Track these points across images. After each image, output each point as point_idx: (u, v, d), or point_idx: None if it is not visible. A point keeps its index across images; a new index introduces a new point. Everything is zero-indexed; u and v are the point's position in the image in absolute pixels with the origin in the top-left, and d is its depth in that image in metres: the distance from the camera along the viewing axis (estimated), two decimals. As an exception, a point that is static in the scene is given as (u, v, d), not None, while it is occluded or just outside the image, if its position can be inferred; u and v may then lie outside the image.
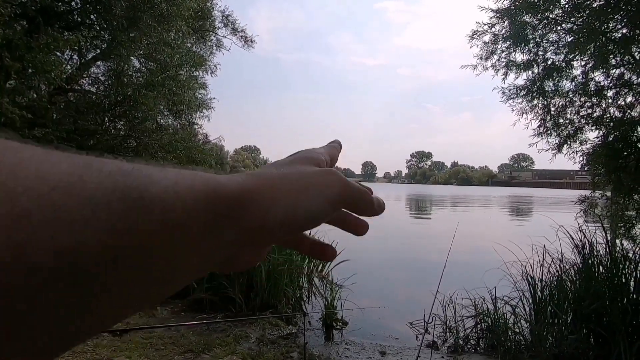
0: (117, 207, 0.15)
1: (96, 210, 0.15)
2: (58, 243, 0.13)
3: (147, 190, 0.16)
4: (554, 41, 4.86)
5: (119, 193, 0.16)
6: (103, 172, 0.16)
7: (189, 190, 0.18)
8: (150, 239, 0.16)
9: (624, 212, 4.57)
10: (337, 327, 4.09)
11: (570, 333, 3.42)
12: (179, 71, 9.03)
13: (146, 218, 0.16)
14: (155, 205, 0.16)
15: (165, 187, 0.17)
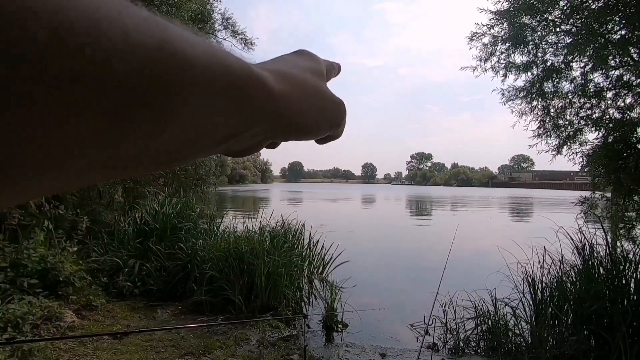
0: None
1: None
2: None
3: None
4: (553, 43, 4.88)
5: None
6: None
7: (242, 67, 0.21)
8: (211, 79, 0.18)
9: (624, 213, 4.57)
10: (338, 329, 4.09)
11: (570, 334, 3.42)
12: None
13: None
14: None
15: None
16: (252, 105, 0.21)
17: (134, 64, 0.14)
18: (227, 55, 0.20)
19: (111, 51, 0.13)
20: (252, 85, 0.21)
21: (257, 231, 5.16)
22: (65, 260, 4.22)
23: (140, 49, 0.14)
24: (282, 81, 0.24)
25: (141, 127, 0.15)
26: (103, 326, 3.73)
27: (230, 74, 0.20)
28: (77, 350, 3.17)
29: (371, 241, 11.25)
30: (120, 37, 0.14)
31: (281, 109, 0.24)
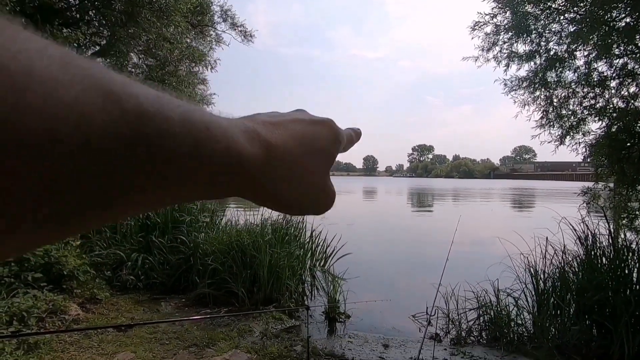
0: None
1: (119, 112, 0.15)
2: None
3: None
4: (557, 31, 4.81)
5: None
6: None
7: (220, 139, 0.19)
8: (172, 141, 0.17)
9: (627, 203, 4.55)
10: (340, 321, 4.11)
11: (572, 324, 3.43)
12: (178, 67, 8.99)
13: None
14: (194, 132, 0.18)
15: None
16: (230, 183, 0.21)
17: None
18: (217, 131, 0.19)
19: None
20: (236, 168, 0.20)
21: (259, 224, 5.17)
22: (69, 254, 4.24)
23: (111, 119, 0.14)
24: (273, 160, 0.23)
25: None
26: (107, 319, 3.77)
27: (215, 156, 0.19)
28: (82, 342, 3.20)
29: (373, 233, 11.27)
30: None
31: (257, 189, 0.23)
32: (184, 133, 0.17)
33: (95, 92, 0.14)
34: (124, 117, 0.15)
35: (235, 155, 0.20)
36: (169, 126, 0.17)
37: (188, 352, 3.18)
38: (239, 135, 0.21)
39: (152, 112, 0.16)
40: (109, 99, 0.14)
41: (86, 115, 0.13)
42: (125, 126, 0.15)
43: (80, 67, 0.14)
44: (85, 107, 0.14)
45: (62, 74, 0.13)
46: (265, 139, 0.23)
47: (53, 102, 0.13)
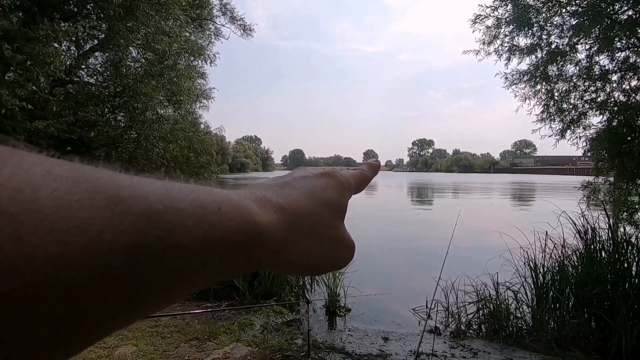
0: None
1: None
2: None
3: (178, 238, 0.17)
4: (558, 24, 4.78)
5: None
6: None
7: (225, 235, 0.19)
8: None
9: (626, 197, 4.56)
10: (340, 314, 4.14)
11: (571, 317, 3.45)
12: (177, 61, 8.94)
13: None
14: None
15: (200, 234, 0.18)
16: (250, 259, 0.20)
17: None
18: (229, 209, 0.19)
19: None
20: (254, 243, 0.20)
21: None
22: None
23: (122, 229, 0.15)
24: (290, 225, 0.23)
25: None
26: (109, 313, 3.78)
27: (231, 236, 0.19)
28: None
29: (373, 227, 11.30)
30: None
31: (277, 258, 0.23)
32: (196, 221, 0.17)
33: (104, 204, 0.14)
34: (134, 225, 0.15)
35: (250, 227, 0.20)
36: (181, 219, 0.17)
37: (189, 346, 3.20)
38: (251, 206, 0.21)
39: (161, 210, 0.16)
40: (118, 209, 0.15)
41: (94, 237, 0.14)
42: (135, 234, 0.15)
43: (88, 180, 0.14)
44: (93, 227, 0.14)
45: (70, 195, 0.13)
46: (277, 202, 0.23)
47: (56, 238, 0.13)
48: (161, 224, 0.16)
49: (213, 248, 0.18)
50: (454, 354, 3.23)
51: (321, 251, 0.25)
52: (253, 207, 0.21)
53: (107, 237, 0.14)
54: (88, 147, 8.11)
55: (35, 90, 6.37)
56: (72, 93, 8.22)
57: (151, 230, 0.15)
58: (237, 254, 0.19)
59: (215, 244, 0.18)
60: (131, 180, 0.16)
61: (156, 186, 0.17)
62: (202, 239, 0.17)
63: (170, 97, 9.08)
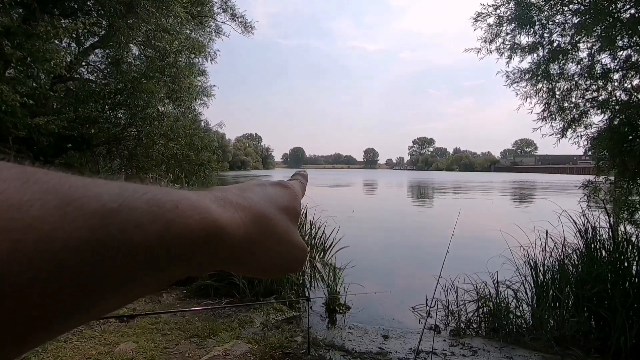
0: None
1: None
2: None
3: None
4: (560, 23, 4.76)
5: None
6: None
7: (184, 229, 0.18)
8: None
9: (627, 196, 4.55)
10: (340, 312, 4.15)
11: (571, 316, 3.45)
12: (178, 58, 8.93)
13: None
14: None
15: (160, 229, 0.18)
16: (210, 258, 0.20)
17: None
18: (187, 207, 0.19)
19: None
20: (215, 240, 0.20)
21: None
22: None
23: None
24: (251, 225, 0.23)
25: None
26: (110, 310, 3.79)
27: (190, 233, 0.18)
28: (85, 333, 3.24)
29: (373, 226, 11.30)
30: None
31: (239, 256, 0.22)
32: (152, 219, 0.17)
33: (56, 204, 0.14)
34: (87, 223, 0.15)
35: (210, 224, 0.19)
36: (135, 217, 0.16)
37: (189, 343, 3.21)
38: (210, 205, 0.20)
39: (116, 208, 0.16)
40: (70, 208, 0.15)
41: (46, 234, 0.14)
42: (89, 231, 0.15)
43: (39, 182, 0.14)
44: (44, 225, 0.14)
45: (20, 195, 0.14)
46: (238, 203, 0.23)
47: (6, 236, 0.13)
48: (115, 221, 0.16)
49: (170, 245, 0.17)
50: (454, 352, 3.24)
51: (279, 252, 0.26)
52: (212, 206, 0.20)
53: (60, 235, 0.14)
54: (89, 144, 8.11)
55: (35, 87, 6.36)
56: (73, 90, 8.22)
57: (105, 228, 0.15)
58: (195, 253, 0.19)
59: (171, 241, 0.18)
60: (84, 181, 0.16)
61: (110, 186, 0.17)
62: (157, 237, 0.17)
63: (170, 94, 9.07)
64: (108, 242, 0.15)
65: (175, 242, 0.18)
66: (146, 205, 0.17)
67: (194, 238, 0.18)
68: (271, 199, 0.26)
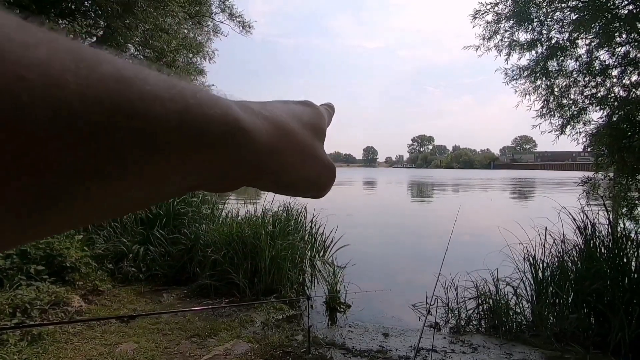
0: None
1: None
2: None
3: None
4: (559, 19, 4.75)
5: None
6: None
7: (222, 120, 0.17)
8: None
9: (626, 192, 4.56)
10: (341, 310, 4.15)
11: (571, 313, 3.46)
12: (176, 58, 8.91)
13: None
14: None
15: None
16: (233, 157, 0.18)
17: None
18: (207, 99, 0.17)
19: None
20: (237, 136, 0.18)
21: (260, 215, 5.18)
22: (71, 247, 4.26)
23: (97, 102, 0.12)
24: (274, 133, 0.21)
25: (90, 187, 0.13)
26: (110, 310, 3.80)
27: (211, 122, 0.16)
28: (86, 334, 3.24)
29: (373, 224, 11.31)
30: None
31: (265, 164, 0.21)
32: (171, 98, 0.15)
33: (66, 55, 0.12)
34: (102, 81, 0.13)
35: (233, 120, 0.17)
36: (153, 90, 0.14)
37: (190, 342, 3.21)
38: (232, 105, 0.18)
39: (132, 77, 0.14)
40: (83, 64, 0.12)
41: (56, 78, 0.11)
42: (104, 91, 0.13)
43: (45, 31, 0.12)
44: (54, 70, 0.11)
45: (25, 36, 0.11)
46: (261, 113, 0.21)
47: (12, 60, 0.11)
48: (133, 90, 0.14)
49: (191, 131, 0.15)
50: (454, 350, 3.25)
51: (305, 168, 0.24)
52: (234, 107, 0.18)
53: (73, 86, 0.12)
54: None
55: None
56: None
57: (122, 93, 0.13)
58: (217, 149, 0.17)
59: (193, 126, 0.15)
60: (94, 48, 0.14)
61: (124, 59, 0.15)
62: (177, 117, 0.15)
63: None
64: (127, 107, 0.13)
65: (196, 128, 0.16)
66: (164, 84, 0.15)
67: (216, 131, 0.16)
68: (295, 114, 0.25)
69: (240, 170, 0.19)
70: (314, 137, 0.26)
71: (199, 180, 0.18)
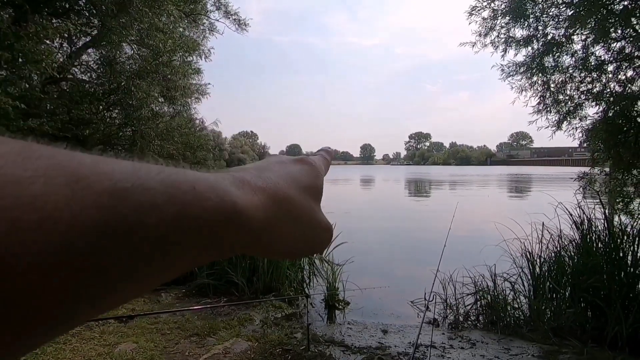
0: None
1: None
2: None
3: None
4: (554, 15, 4.76)
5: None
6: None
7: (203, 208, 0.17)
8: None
9: (622, 187, 4.59)
10: (339, 308, 4.16)
11: (568, 307, 3.49)
12: (172, 57, 8.86)
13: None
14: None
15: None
16: (229, 240, 0.19)
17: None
18: (205, 189, 0.17)
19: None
20: (234, 222, 0.19)
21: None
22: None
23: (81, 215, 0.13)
24: (271, 207, 0.22)
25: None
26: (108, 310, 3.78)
27: (209, 215, 0.17)
28: (84, 334, 3.23)
29: (371, 221, 11.33)
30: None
31: (260, 241, 0.21)
32: (167, 200, 0.16)
33: (61, 181, 0.13)
34: (97, 202, 0.13)
35: (229, 208, 0.18)
36: (150, 197, 0.15)
37: (189, 342, 3.21)
38: (229, 187, 0.19)
39: (128, 188, 0.15)
40: (79, 185, 0.13)
41: (49, 214, 0.12)
42: (98, 212, 0.13)
43: (42, 157, 0.13)
44: (47, 204, 0.12)
45: (21, 171, 0.12)
46: (257, 185, 0.21)
47: (3, 214, 0.11)
48: (127, 202, 0.14)
49: (186, 229, 0.16)
50: (453, 345, 3.26)
51: (302, 234, 0.25)
52: (231, 188, 0.19)
53: (66, 215, 0.13)
54: (83, 145, 8.06)
55: (27, 88, 6.30)
56: (67, 91, 8.14)
57: (116, 209, 0.14)
58: (214, 236, 0.18)
59: (188, 224, 0.16)
60: (93, 158, 0.15)
61: (122, 165, 0.16)
62: (173, 219, 0.16)
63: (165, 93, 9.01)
64: (120, 223, 0.14)
65: (192, 224, 0.17)
66: (161, 186, 0.16)
67: (212, 222, 0.17)
68: (292, 178, 0.25)
69: (237, 248, 0.20)
70: (311, 200, 0.26)
71: (196, 262, 0.18)
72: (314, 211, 0.26)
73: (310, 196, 0.26)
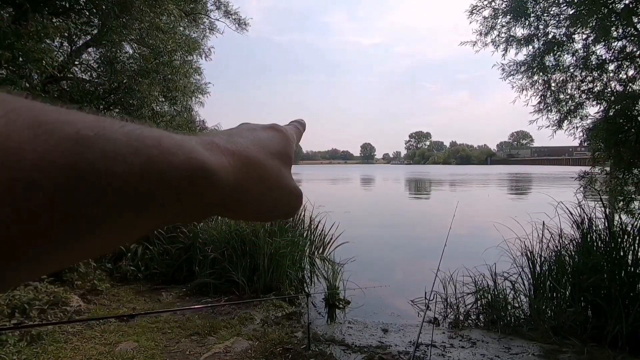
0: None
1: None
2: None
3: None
4: (555, 14, 4.75)
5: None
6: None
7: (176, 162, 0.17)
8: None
9: (623, 186, 4.58)
10: (340, 307, 4.17)
11: (568, 306, 3.49)
12: (172, 57, 8.85)
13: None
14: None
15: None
16: (198, 199, 0.19)
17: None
18: (171, 145, 0.17)
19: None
20: (201, 180, 0.18)
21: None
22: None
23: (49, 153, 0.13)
24: (240, 169, 0.22)
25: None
26: (109, 309, 3.80)
27: (175, 169, 0.17)
28: (85, 333, 3.24)
29: (371, 220, 11.33)
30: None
31: (232, 201, 0.21)
32: (133, 152, 0.15)
33: (23, 123, 0.13)
34: (61, 146, 0.13)
35: (198, 165, 0.18)
36: (114, 147, 0.15)
37: (190, 341, 3.22)
38: (197, 147, 0.19)
39: (92, 136, 0.14)
40: (41, 129, 0.13)
41: (12, 150, 0.12)
42: (62, 155, 0.13)
43: (3, 102, 0.13)
44: (10, 141, 0.12)
45: None
46: (227, 147, 0.21)
47: None
48: (92, 149, 0.14)
49: (154, 182, 0.16)
50: (453, 344, 3.26)
51: (271, 198, 0.25)
52: (199, 148, 0.19)
53: (29, 155, 0.12)
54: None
55: (28, 88, 6.29)
56: (67, 90, 8.14)
57: (83, 154, 0.14)
58: (183, 193, 0.17)
59: (155, 178, 0.16)
60: (56, 108, 0.15)
61: (86, 116, 0.15)
62: (140, 170, 0.15)
63: (165, 93, 9.00)
64: (88, 168, 0.14)
65: (160, 179, 0.16)
66: (125, 137, 0.16)
67: (179, 178, 0.17)
68: (262, 143, 0.25)
69: (207, 208, 0.20)
70: (280, 165, 0.26)
71: (166, 219, 0.18)
72: (284, 176, 0.26)
73: (280, 161, 0.26)
